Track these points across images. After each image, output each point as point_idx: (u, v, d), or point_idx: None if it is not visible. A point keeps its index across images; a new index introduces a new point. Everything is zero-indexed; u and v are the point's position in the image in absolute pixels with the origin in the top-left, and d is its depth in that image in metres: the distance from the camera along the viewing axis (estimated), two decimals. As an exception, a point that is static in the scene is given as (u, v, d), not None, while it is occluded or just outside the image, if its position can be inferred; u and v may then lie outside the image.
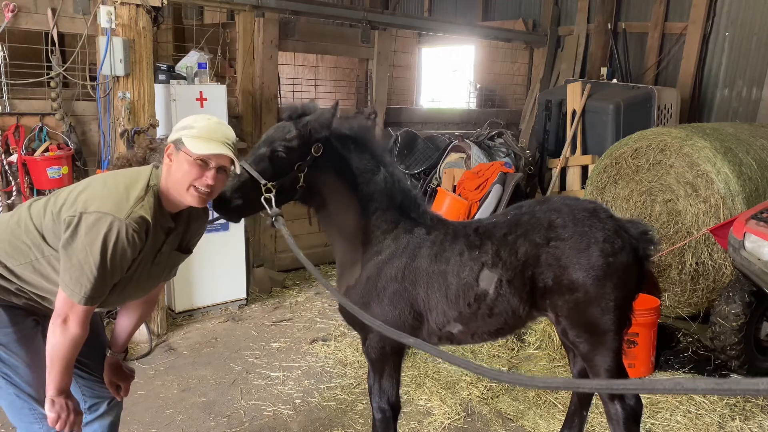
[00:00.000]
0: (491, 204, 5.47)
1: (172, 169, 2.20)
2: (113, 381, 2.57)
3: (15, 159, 4.48)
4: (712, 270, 5.13)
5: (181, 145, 2.18)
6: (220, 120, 2.31)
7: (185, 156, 2.17)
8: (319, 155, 2.62)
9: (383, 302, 2.75)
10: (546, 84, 8.82)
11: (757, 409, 3.99)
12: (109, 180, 2.22)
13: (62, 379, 2.16)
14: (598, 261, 2.64)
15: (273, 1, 5.89)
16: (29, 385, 2.29)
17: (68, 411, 2.19)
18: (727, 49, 7.52)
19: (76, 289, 2.08)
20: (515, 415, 3.93)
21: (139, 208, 2.12)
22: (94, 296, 2.11)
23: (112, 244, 2.06)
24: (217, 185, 2.23)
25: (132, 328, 2.62)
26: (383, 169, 2.77)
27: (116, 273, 2.14)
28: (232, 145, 2.24)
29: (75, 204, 2.13)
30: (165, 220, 2.27)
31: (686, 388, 1.14)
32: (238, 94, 6.05)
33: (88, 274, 2.06)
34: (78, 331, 2.13)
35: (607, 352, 2.75)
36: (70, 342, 2.12)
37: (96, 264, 2.06)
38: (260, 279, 6.04)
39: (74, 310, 2.11)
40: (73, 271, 2.07)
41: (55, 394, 2.16)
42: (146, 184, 2.19)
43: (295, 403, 4.05)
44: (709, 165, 5.06)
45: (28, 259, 2.21)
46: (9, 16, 4.31)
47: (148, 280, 2.37)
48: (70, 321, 2.11)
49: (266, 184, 2.53)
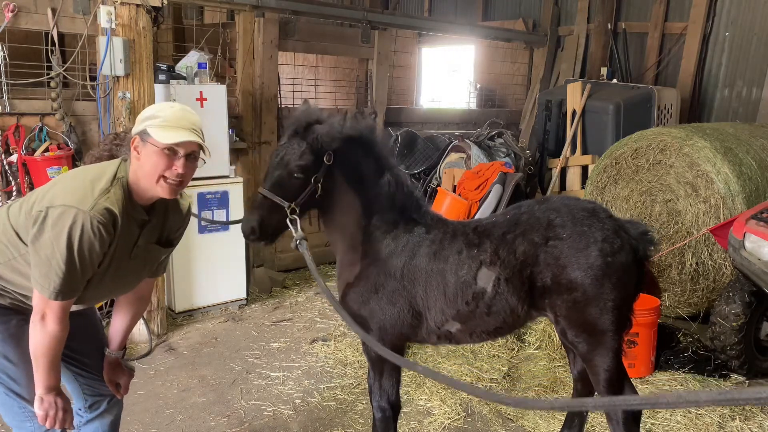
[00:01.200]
0: (491, 204, 5.47)
1: (141, 161, 2.16)
2: (113, 379, 2.57)
3: (15, 159, 4.48)
4: (712, 270, 5.13)
5: (147, 136, 2.13)
6: (183, 106, 2.27)
7: (152, 147, 2.13)
8: (331, 163, 2.64)
9: (382, 300, 2.76)
10: (546, 84, 8.82)
11: (757, 409, 3.99)
12: (78, 175, 2.21)
13: (48, 376, 2.14)
14: (596, 261, 2.64)
15: (273, 1, 5.89)
16: (18, 383, 2.28)
17: (56, 409, 2.17)
18: (727, 49, 7.52)
19: (45, 285, 2.05)
20: (515, 415, 3.93)
21: (104, 200, 2.09)
22: (65, 291, 2.07)
23: (77, 237, 2.03)
24: (187, 173, 2.19)
25: (126, 326, 2.60)
26: (388, 172, 2.79)
27: (86, 267, 2.10)
28: (199, 130, 2.22)
29: (43, 200, 2.11)
30: (137, 212, 2.23)
31: (688, 401, 1.14)
32: (238, 94, 6.05)
33: (56, 268, 2.04)
34: (55, 327, 2.10)
35: (606, 352, 2.75)
36: (49, 339, 2.10)
37: (63, 258, 2.03)
38: (260, 279, 6.04)
39: (50, 307, 2.08)
40: (42, 266, 2.05)
41: (44, 392, 2.15)
42: (112, 177, 2.15)
43: (295, 403, 4.05)
44: (709, 165, 5.06)
45: (6, 258, 2.20)
46: (9, 16, 4.31)
47: (127, 275, 2.34)
48: (48, 318, 2.09)
49: (290, 206, 2.57)
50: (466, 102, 10.11)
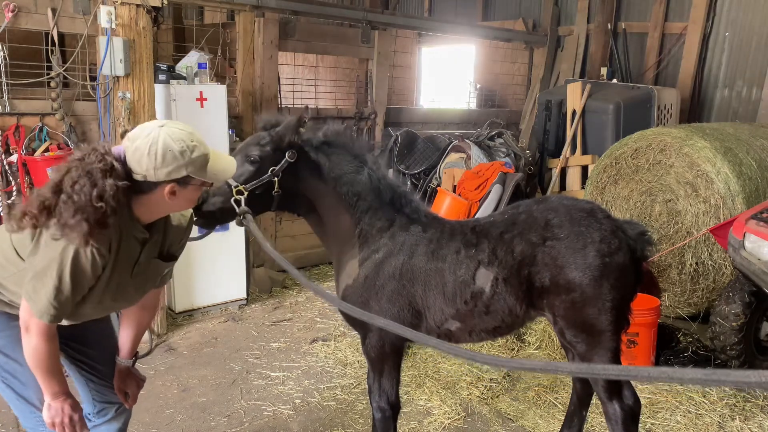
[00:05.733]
0: (491, 204, 5.46)
1: (176, 200, 2.11)
2: (122, 388, 2.57)
3: (15, 159, 4.49)
4: (712, 270, 5.13)
5: (191, 179, 2.09)
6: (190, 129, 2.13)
7: (195, 186, 2.12)
8: (296, 161, 2.67)
9: (382, 300, 2.76)
10: (546, 84, 8.82)
11: (756, 409, 3.99)
12: None
13: (50, 384, 2.12)
14: (594, 261, 2.64)
15: (273, 1, 5.89)
16: (27, 388, 2.29)
17: (62, 415, 2.16)
18: (727, 49, 7.52)
19: (35, 300, 2.01)
20: (515, 415, 3.93)
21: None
22: (52, 312, 2.01)
23: (70, 261, 1.96)
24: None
25: (134, 336, 2.58)
26: (365, 168, 2.81)
27: (76, 289, 2.03)
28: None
29: None
30: (138, 231, 2.17)
31: (672, 377, 1.11)
32: (238, 94, 6.05)
33: (46, 287, 1.98)
34: (39, 341, 2.04)
35: (605, 352, 2.75)
36: (36, 352, 2.05)
37: (52, 279, 1.97)
38: (260, 279, 6.04)
39: (34, 322, 2.03)
40: (35, 281, 2.00)
41: (50, 399, 2.15)
42: None
43: (295, 403, 4.05)
44: (709, 165, 5.06)
45: (10, 272, 2.17)
46: (9, 16, 4.31)
47: (129, 292, 2.29)
48: (32, 330, 2.04)
49: (237, 187, 2.59)
50: (466, 102, 10.11)
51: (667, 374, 1.12)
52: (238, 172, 2.60)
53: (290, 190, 2.73)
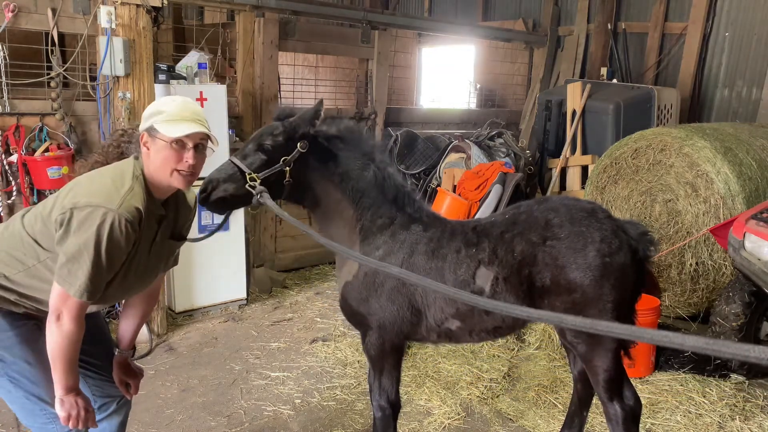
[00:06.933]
0: (491, 204, 5.46)
1: (151, 157, 2.22)
2: (123, 379, 2.59)
3: (15, 159, 4.49)
4: (712, 270, 5.13)
5: (155, 131, 2.19)
6: (185, 98, 2.32)
7: (161, 142, 2.18)
8: (306, 152, 2.70)
9: (381, 298, 2.76)
10: (546, 84, 8.82)
11: (756, 409, 3.99)
12: (95, 177, 2.23)
13: (67, 377, 2.16)
14: (595, 261, 2.63)
15: (273, 1, 5.89)
16: (37, 386, 2.30)
17: (78, 408, 2.19)
18: (727, 49, 7.52)
19: (71, 281, 2.07)
20: (515, 415, 3.93)
21: (130, 197, 2.13)
22: (90, 290, 2.09)
23: (106, 236, 2.06)
24: (197, 164, 2.25)
25: (137, 325, 2.62)
26: (373, 165, 2.82)
27: (112, 265, 2.12)
28: (203, 120, 2.27)
29: (64, 203, 2.13)
30: (156, 208, 2.29)
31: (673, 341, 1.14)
32: (238, 94, 6.05)
33: (83, 267, 2.05)
34: (72, 326, 2.11)
35: (606, 352, 2.74)
36: (65, 339, 2.11)
37: (90, 256, 2.05)
38: (260, 279, 6.04)
39: (67, 306, 2.10)
40: (70, 264, 2.07)
41: (63, 393, 2.17)
42: (132, 175, 2.20)
43: (295, 403, 4.05)
44: (709, 165, 5.06)
45: (26, 266, 2.22)
46: (9, 16, 4.31)
47: (146, 272, 2.37)
48: (64, 317, 2.10)
49: (251, 174, 2.62)
50: (466, 102, 10.11)
51: (669, 338, 1.16)
52: (250, 159, 2.66)
53: (298, 181, 2.74)
